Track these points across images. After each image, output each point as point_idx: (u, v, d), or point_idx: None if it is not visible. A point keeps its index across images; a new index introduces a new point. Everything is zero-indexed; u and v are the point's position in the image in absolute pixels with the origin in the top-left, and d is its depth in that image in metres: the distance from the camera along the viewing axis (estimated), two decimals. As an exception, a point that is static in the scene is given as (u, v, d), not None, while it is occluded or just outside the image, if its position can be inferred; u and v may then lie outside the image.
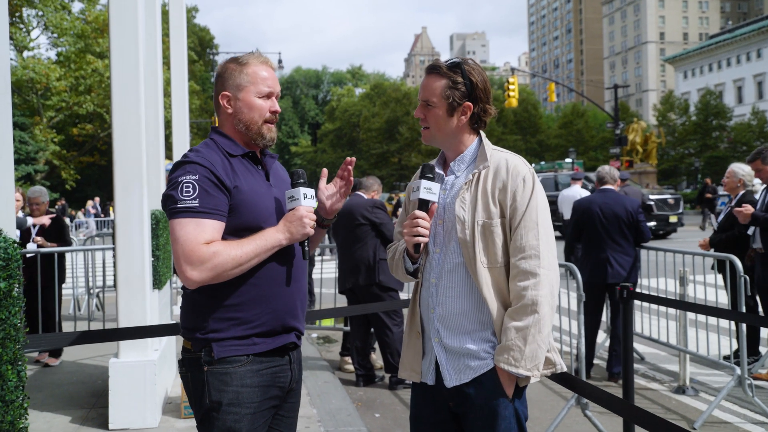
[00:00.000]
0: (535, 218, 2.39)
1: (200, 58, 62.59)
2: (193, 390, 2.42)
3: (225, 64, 2.53)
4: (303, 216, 2.40)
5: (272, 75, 2.52)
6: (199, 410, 2.41)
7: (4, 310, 2.24)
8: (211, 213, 2.30)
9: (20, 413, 2.37)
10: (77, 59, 40.79)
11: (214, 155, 2.40)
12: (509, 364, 2.33)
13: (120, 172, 4.95)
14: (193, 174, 2.31)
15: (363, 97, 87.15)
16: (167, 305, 6.73)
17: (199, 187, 2.30)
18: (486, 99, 2.50)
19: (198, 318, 2.38)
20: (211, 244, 2.27)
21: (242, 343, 2.36)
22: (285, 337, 2.46)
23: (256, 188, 2.44)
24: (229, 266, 2.27)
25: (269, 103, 2.50)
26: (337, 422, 5.24)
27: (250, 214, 2.38)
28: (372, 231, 6.48)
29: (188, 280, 2.27)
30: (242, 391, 2.35)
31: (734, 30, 78.46)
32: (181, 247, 2.27)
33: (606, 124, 52.42)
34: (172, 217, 2.31)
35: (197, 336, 2.37)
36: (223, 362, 2.34)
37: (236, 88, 2.47)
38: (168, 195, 2.34)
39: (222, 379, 2.34)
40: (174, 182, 2.33)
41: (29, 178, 43.20)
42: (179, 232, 2.28)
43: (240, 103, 2.47)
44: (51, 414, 5.30)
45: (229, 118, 2.50)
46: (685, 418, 5.50)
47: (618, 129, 40.08)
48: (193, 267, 2.25)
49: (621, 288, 4.54)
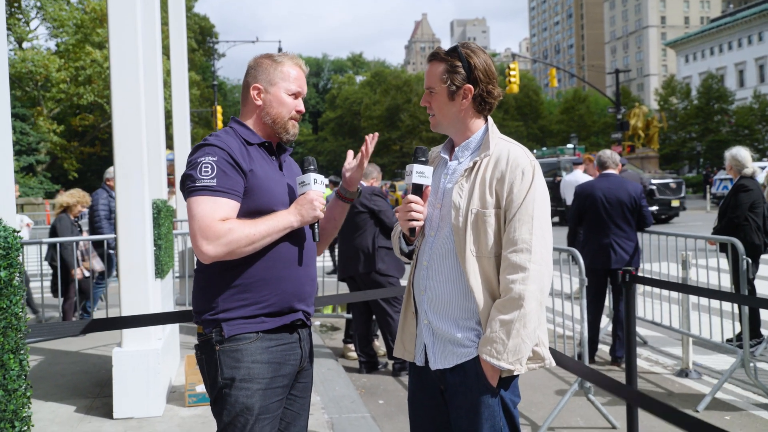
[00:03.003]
0: (531, 212, 2.36)
1: (200, 47, 62.40)
2: (207, 371, 2.50)
3: (260, 59, 2.65)
4: (313, 199, 2.51)
5: (302, 76, 2.66)
6: (212, 391, 2.49)
7: (5, 299, 2.24)
8: (228, 193, 2.39)
9: (23, 402, 2.37)
10: (76, 50, 40.70)
11: (232, 140, 2.50)
12: (491, 356, 2.31)
13: (121, 162, 4.95)
14: (212, 155, 2.41)
15: (364, 85, 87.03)
16: (170, 294, 6.74)
17: (217, 168, 2.39)
18: (488, 80, 2.48)
19: (208, 300, 2.47)
20: (226, 221, 2.36)
21: (251, 321, 2.44)
22: (292, 315, 2.53)
23: (270, 174, 2.54)
24: (242, 243, 2.35)
25: (296, 102, 2.62)
26: (341, 409, 5.25)
27: (264, 197, 2.47)
28: (371, 219, 6.47)
29: (203, 254, 2.35)
30: (254, 367, 2.42)
31: (735, 13, 77.97)
32: (197, 222, 2.35)
33: (607, 109, 52.36)
34: (189, 195, 2.40)
35: (207, 317, 2.46)
36: (234, 340, 2.43)
37: (268, 82, 2.59)
38: (187, 174, 2.43)
39: (233, 357, 2.42)
40: (193, 163, 2.43)
41: (31, 168, 43.23)
42: (196, 209, 2.36)
43: (270, 96, 2.58)
44: (55, 404, 5.31)
45: (256, 110, 2.61)
46: (689, 402, 5.51)
47: (619, 114, 39.97)
48: (209, 242, 2.33)
49: (623, 272, 4.53)
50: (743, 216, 6.89)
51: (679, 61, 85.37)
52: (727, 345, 6.04)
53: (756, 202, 6.93)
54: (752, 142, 56.48)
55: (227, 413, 2.42)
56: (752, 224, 6.89)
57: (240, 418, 2.41)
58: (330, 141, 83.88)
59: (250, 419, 2.41)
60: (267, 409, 2.44)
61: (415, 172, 2.51)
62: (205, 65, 64.93)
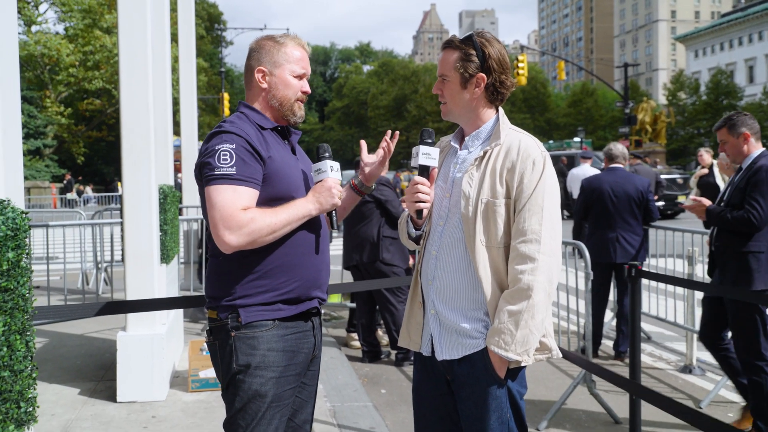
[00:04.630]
0: (541, 203, 2.35)
1: (208, 34, 62.33)
2: (220, 357, 2.47)
3: (261, 41, 2.61)
4: (331, 187, 2.49)
5: (306, 57, 2.63)
6: (225, 377, 2.47)
7: (12, 281, 2.24)
8: (248, 181, 2.36)
9: (29, 383, 2.38)
10: (85, 34, 40.67)
11: (247, 126, 2.46)
12: (499, 347, 2.31)
13: (128, 148, 4.95)
14: (230, 143, 2.37)
15: (371, 75, 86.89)
16: (175, 280, 6.76)
17: (236, 156, 2.36)
18: (501, 70, 2.47)
19: (225, 286, 2.45)
20: (248, 210, 2.34)
21: (268, 308, 2.43)
22: (308, 303, 2.53)
23: (287, 160, 2.53)
24: (264, 232, 2.34)
25: (301, 83, 2.60)
26: (343, 397, 5.27)
27: (282, 184, 2.46)
28: (377, 209, 6.46)
29: (225, 244, 2.32)
30: (269, 355, 2.41)
31: (746, 8, 77.51)
32: (219, 212, 2.32)
33: (615, 103, 52.08)
34: (208, 184, 2.36)
35: (223, 303, 2.44)
36: (250, 327, 2.42)
37: (273, 64, 2.55)
38: (204, 162, 2.39)
39: (249, 344, 2.41)
40: (210, 150, 2.38)
41: (38, 152, 43.30)
42: (217, 198, 2.33)
43: (276, 79, 2.55)
44: (59, 386, 5.34)
45: (261, 93, 2.58)
46: (692, 398, 5.50)
47: (627, 108, 39.79)
48: (231, 232, 2.30)
49: (629, 267, 4.52)
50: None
51: (689, 56, 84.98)
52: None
53: None
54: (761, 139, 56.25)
55: (239, 399, 2.41)
56: None
57: (252, 405, 2.40)
58: (336, 130, 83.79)
59: (262, 407, 2.40)
60: (280, 396, 2.43)
61: (421, 153, 2.50)
62: (213, 52, 64.86)
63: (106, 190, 42.19)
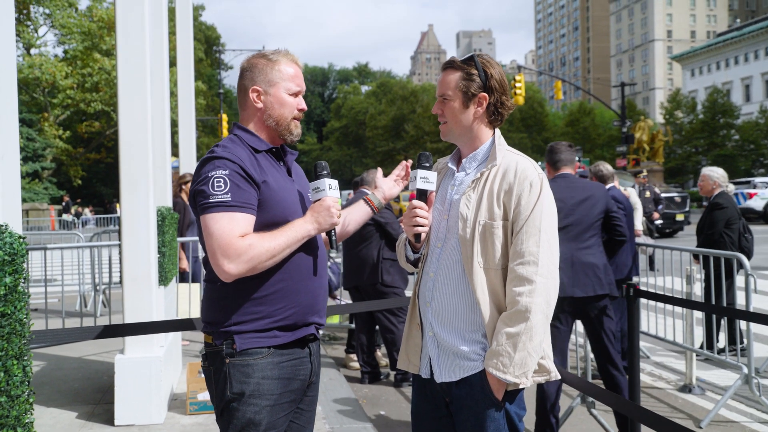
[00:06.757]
0: (539, 224, 2.35)
1: (207, 57, 62.67)
2: (215, 383, 2.44)
3: (253, 60, 2.54)
4: (330, 206, 2.45)
5: (299, 73, 2.56)
6: (219, 403, 2.43)
7: (9, 305, 2.24)
8: (243, 207, 2.32)
9: (26, 408, 2.37)
10: (84, 57, 40.87)
11: (240, 150, 2.41)
12: (498, 370, 2.30)
13: (126, 170, 4.96)
14: (223, 169, 2.33)
15: (369, 95, 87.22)
16: (173, 302, 6.74)
17: (231, 182, 2.31)
18: (502, 91, 2.50)
19: (221, 311, 2.41)
20: (245, 237, 2.30)
21: (263, 335, 2.39)
22: (305, 330, 2.48)
23: (282, 183, 2.47)
24: (264, 258, 2.30)
25: (297, 100, 2.54)
26: (342, 419, 5.24)
27: (278, 208, 2.41)
28: (377, 231, 6.47)
29: (225, 273, 2.29)
30: (263, 383, 2.37)
31: (742, 28, 78.06)
32: (216, 241, 2.28)
33: (613, 122, 52.36)
34: (204, 213, 2.32)
35: (219, 329, 2.40)
36: (245, 354, 2.37)
37: (267, 83, 2.50)
38: (199, 190, 2.35)
39: (244, 371, 2.37)
40: (204, 177, 2.34)
41: (36, 175, 43.34)
42: (213, 226, 2.29)
43: (271, 98, 2.50)
44: (57, 410, 5.31)
45: (257, 113, 2.52)
46: (692, 417, 5.48)
47: (625, 127, 39.96)
48: (230, 260, 2.27)
49: (627, 286, 4.52)
50: (719, 233, 7.19)
51: (685, 75, 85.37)
52: (730, 361, 6.01)
53: (731, 219, 7.22)
54: (758, 157, 56.43)
55: (233, 427, 2.38)
56: (727, 240, 7.14)
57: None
58: (335, 150, 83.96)
59: None
60: (273, 424, 2.39)
61: (419, 177, 2.50)
62: (211, 74, 65.16)
63: (105, 211, 42.23)
